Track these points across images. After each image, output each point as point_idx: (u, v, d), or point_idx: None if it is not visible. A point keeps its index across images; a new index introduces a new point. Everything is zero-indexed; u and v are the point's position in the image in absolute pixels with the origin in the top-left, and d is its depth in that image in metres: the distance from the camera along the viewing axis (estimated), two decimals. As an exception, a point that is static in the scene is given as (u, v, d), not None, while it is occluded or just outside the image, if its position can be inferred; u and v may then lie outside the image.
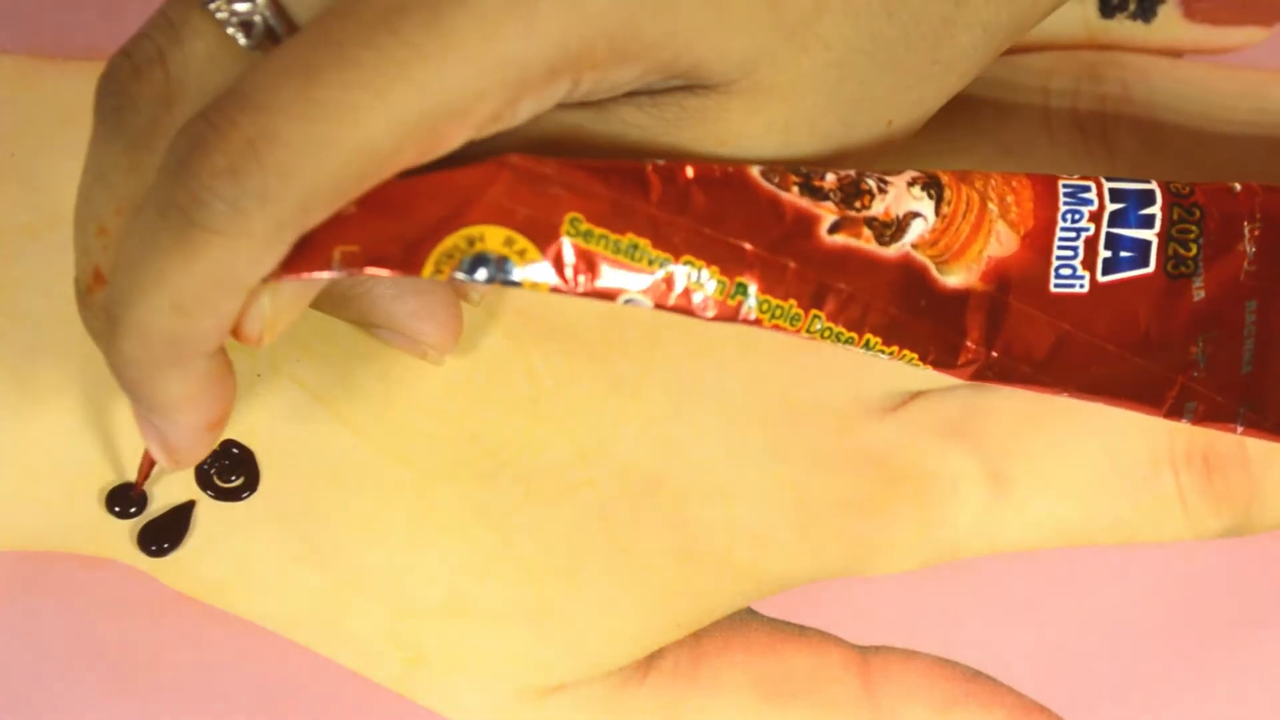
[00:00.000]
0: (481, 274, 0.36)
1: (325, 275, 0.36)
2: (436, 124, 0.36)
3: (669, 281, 0.38)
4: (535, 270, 0.37)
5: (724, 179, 0.39)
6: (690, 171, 0.38)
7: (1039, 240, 0.41)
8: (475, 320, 0.46)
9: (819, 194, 0.39)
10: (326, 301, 0.45)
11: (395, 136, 0.36)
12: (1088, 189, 0.42)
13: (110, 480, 0.44)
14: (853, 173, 0.40)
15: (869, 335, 0.40)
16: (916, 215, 0.40)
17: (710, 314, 0.38)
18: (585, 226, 0.37)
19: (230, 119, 0.35)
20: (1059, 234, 0.42)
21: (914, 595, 0.44)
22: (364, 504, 0.44)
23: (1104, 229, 0.42)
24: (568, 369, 0.46)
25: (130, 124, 0.37)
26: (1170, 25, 0.52)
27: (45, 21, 0.50)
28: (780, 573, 0.44)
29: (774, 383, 0.46)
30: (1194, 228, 0.42)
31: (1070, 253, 0.41)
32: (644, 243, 0.38)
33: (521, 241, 0.37)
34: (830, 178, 0.39)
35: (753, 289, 0.38)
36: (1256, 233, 0.43)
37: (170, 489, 0.44)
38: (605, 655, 0.43)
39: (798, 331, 0.39)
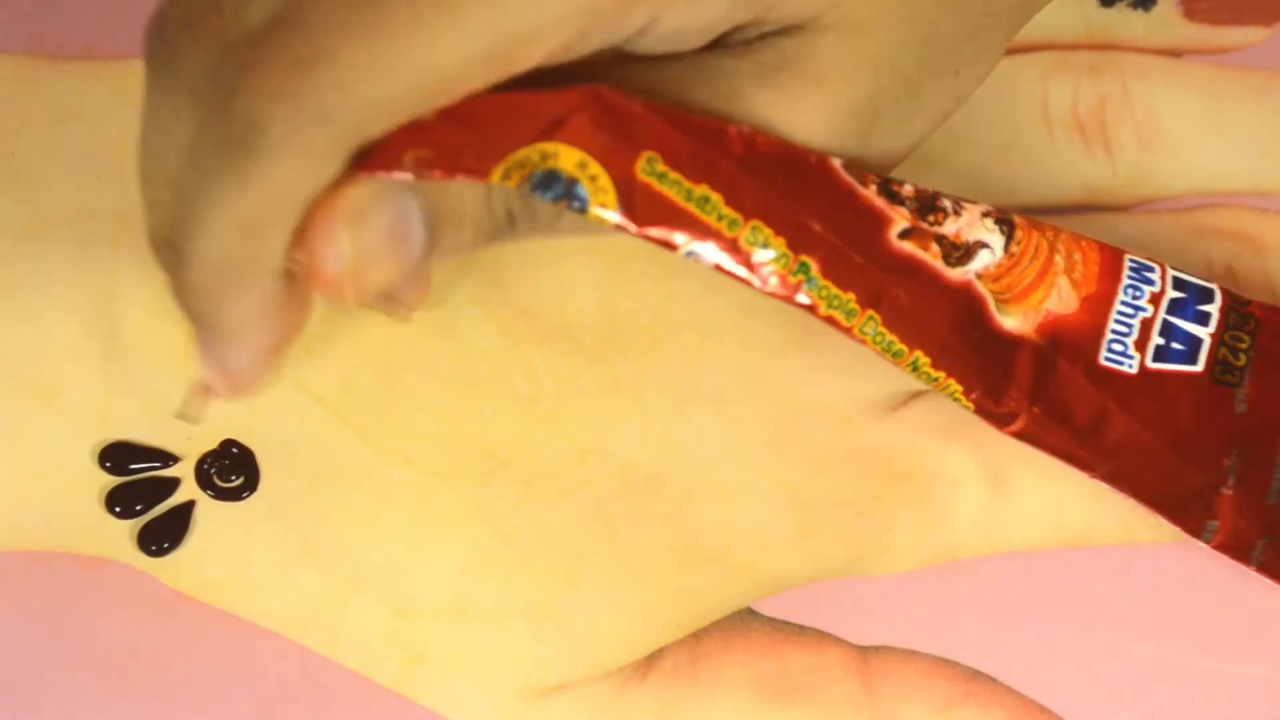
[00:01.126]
0: (551, 192, 0.36)
1: (394, 175, 0.36)
2: (510, 48, 0.35)
3: (734, 243, 0.37)
4: (605, 197, 0.36)
5: (804, 157, 0.38)
6: (774, 143, 0.38)
7: (1098, 307, 0.41)
8: (475, 320, 0.46)
9: (895, 198, 0.39)
10: None
11: (465, 60, 0.35)
12: (1152, 270, 0.42)
13: (110, 480, 0.44)
14: (930, 188, 0.40)
15: (919, 353, 0.40)
16: (985, 246, 0.40)
17: (770, 285, 0.38)
18: (661, 168, 0.37)
19: (282, 42, 0.35)
20: (1118, 306, 0.42)
21: (914, 595, 0.44)
22: (364, 504, 0.44)
23: (1161, 314, 0.42)
24: (567, 369, 0.46)
25: (190, 71, 0.36)
26: (1170, 25, 0.52)
27: (45, 21, 0.50)
28: (780, 573, 0.44)
29: (774, 382, 0.46)
30: (1247, 338, 0.42)
31: (1125, 329, 0.41)
32: (716, 197, 0.37)
33: (595, 167, 0.36)
34: (908, 187, 0.39)
35: (815, 270, 0.38)
36: None
37: (171, 488, 0.44)
38: (605, 655, 0.43)
39: (850, 330, 0.39)
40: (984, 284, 0.40)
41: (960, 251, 0.40)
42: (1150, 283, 0.42)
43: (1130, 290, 0.42)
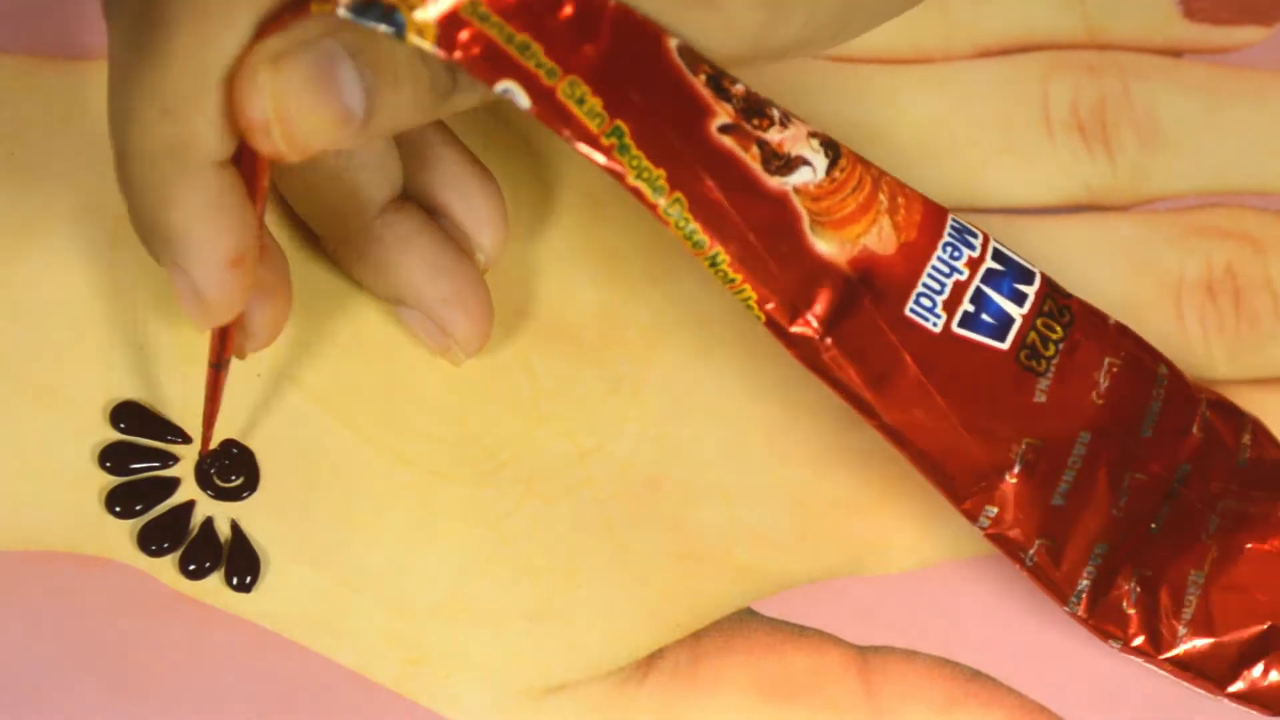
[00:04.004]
0: (369, 16, 0.35)
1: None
2: None
3: (551, 92, 0.37)
4: (422, 25, 0.36)
5: (639, 30, 0.37)
6: (610, 8, 0.37)
7: (915, 256, 0.41)
8: (475, 320, 0.46)
9: (723, 94, 0.38)
10: (366, 266, 0.44)
11: None
12: (975, 235, 0.41)
13: (110, 480, 0.44)
14: (762, 95, 0.39)
15: (720, 249, 0.39)
16: (806, 163, 0.39)
17: (580, 143, 0.37)
18: (484, 10, 0.36)
19: None
20: (934, 261, 0.41)
21: (914, 595, 0.44)
22: (364, 504, 0.44)
23: (976, 281, 0.41)
24: (567, 369, 0.46)
25: None
26: (1170, 25, 0.52)
27: (45, 21, 0.50)
28: (780, 573, 0.44)
29: (774, 383, 0.46)
30: (1060, 329, 0.42)
31: (937, 286, 0.41)
32: (538, 47, 0.37)
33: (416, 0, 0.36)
34: (740, 86, 0.39)
35: (628, 136, 0.37)
36: (1115, 370, 0.42)
37: (171, 488, 0.44)
38: (605, 655, 0.43)
39: (655, 208, 0.38)
40: (802, 201, 0.39)
41: (780, 161, 0.39)
42: (970, 247, 0.41)
43: (949, 249, 0.41)
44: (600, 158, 0.37)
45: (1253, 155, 0.51)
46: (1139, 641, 0.42)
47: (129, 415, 0.44)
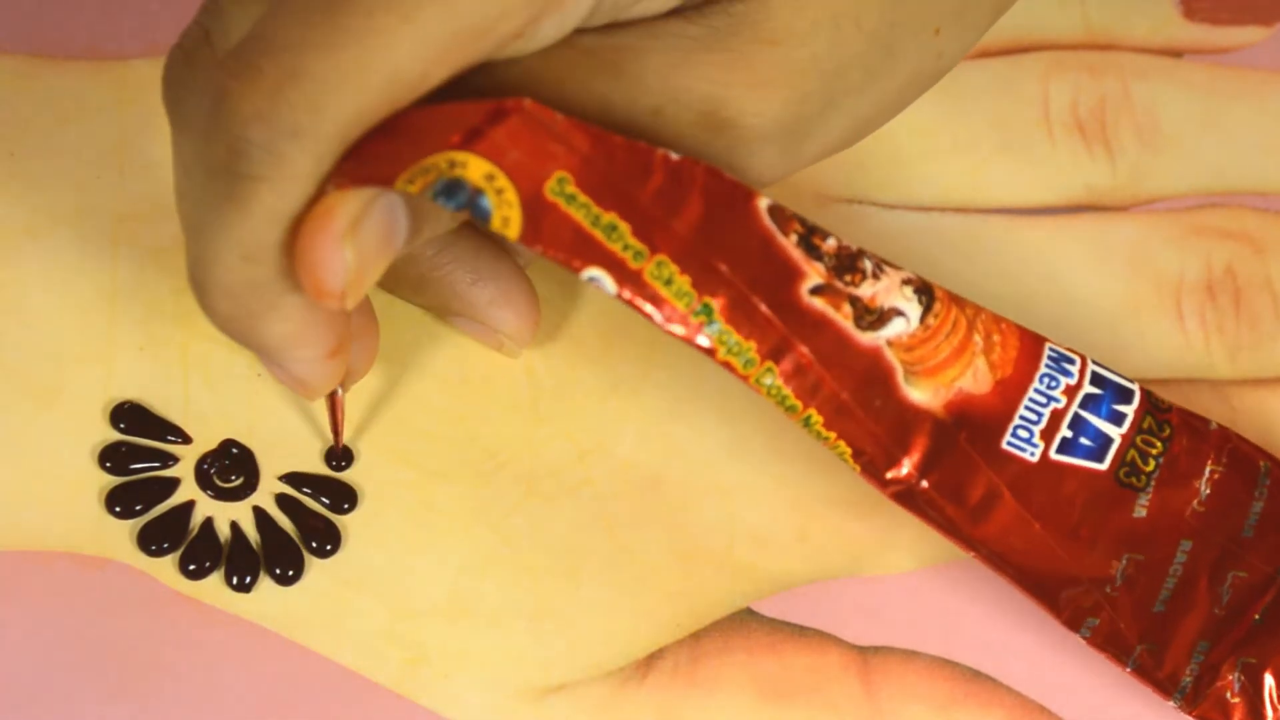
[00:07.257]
0: (454, 201, 0.36)
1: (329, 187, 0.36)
2: (464, 43, 0.36)
3: (638, 275, 0.37)
4: (507, 215, 0.36)
5: (729, 194, 0.38)
6: (700, 174, 0.37)
7: (1011, 392, 0.41)
8: (475, 320, 0.46)
9: (814, 252, 0.39)
10: (405, 287, 0.45)
11: (423, 60, 0.36)
12: (1072, 362, 0.41)
13: (110, 480, 0.44)
14: (854, 247, 0.39)
15: (813, 411, 0.39)
16: (900, 314, 0.39)
17: (669, 324, 0.37)
18: (571, 190, 0.36)
19: (253, 65, 0.36)
20: (1030, 394, 0.41)
21: (914, 595, 0.44)
22: (364, 504, 0.44)
23: (1074, 408, 0.41)
24: (567, 369, 0.46)
25: (193, 105, 0.37)
26: (1170, 25, 0.52)
27: (45, 21, 0.50)
28: (780, 573, 0.44)
29: (774, 383, 0.46)
30: (1159, 444, 0.42)
31: (1034, 417, 0.41)
32: (625, 226, 0.37)
33: (502, 181, 0.36)
34: (831, 242, 0.39)
35: (718, 313, 0.38)
36: (1216, 476, 0.42)
37: (171, 488, 0.44)
38: (605, 655, 0.43)
39: (747, 379, 0.38)
40: (895, 352, 0.39)
41: (873, 316, 0.39)
42: (1068, 374, 0.41)
43: (1046, 379, 0.41)
44: (689, 335, 0.37)
45: (1253, 155, 0.51)
46: None
47: (129, 415, 0.44)
